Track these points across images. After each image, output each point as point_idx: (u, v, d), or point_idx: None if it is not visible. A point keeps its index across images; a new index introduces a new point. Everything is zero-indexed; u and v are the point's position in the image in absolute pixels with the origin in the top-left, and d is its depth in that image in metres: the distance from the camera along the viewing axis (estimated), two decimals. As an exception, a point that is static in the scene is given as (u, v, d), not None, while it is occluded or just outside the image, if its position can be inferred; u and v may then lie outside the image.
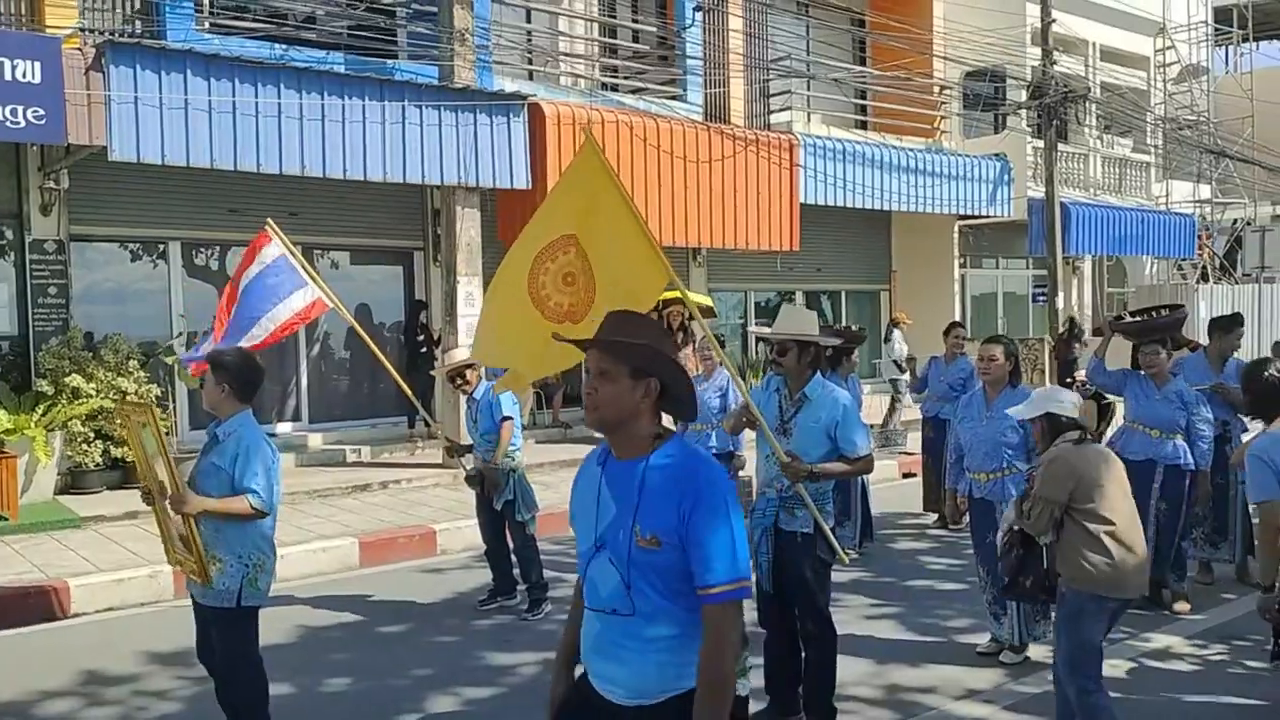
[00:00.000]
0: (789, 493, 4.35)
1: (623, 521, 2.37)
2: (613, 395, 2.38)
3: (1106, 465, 4.00)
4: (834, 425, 4.35)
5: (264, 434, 4.05)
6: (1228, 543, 6.71)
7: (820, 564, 4.39)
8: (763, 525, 4.45)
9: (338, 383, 12.49)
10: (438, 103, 10.31)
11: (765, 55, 14.52)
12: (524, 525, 6.25)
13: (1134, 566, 3.92)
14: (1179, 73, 21.37)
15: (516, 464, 6.29)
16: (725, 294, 16.04)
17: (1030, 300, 20.19)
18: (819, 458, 4.33)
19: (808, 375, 4.43)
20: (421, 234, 12.54)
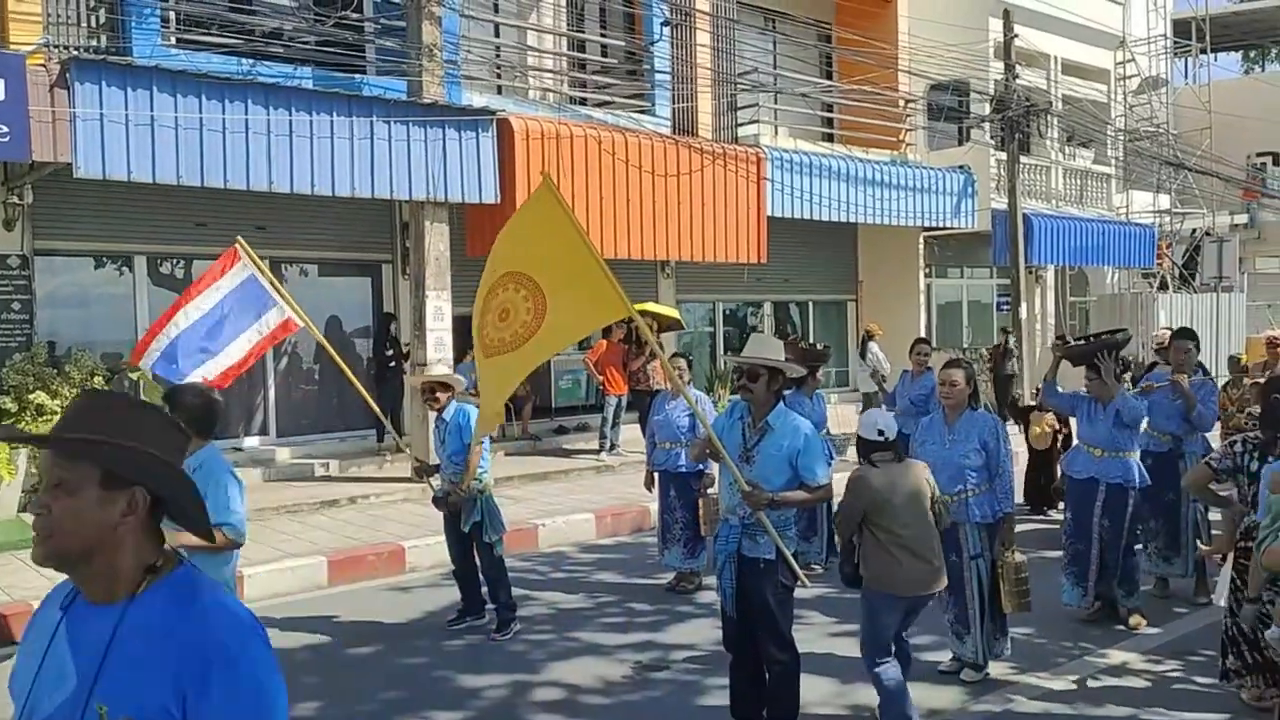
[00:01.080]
0: (751, 519, 4.42)
1: (79, 700, 1.64)
2: (71, 513, 1.65)
3: (899, 483, 4.54)
4: (796, 454, 4.42)
5: (229, 464, 4.07)
6: (1180, 558, 6.82)
7: (783, 589, 4.47)
8: (726, 551, 4.51)
9: (305, 396, 12.44)
10: (405, 118, 10.32)
11: (733, 70, 14.64)
12: (492, 546, 6.27)
13: (921, 571, 4.52)
14: (1139, 85, 21.75)
15: (484, 485, 6.31)
16: (693, 305, 16.14)
17: (995, 309, 20.46)
18: (780, 486, 4.41)
19: (772, 403, 4.51)
20: (390, 247, 12.54)
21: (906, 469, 4.70)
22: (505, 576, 6.35)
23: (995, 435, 5.27)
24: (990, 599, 5.26)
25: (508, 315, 4.54)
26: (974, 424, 5.29)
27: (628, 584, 7.41)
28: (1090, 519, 6.15)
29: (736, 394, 4.65)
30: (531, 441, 13.22)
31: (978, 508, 5.21)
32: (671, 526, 7.21)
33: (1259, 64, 36.21)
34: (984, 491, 5.22)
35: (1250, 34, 29.64)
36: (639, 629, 6.40)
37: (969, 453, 5.22)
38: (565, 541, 8.97)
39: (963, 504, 5.22)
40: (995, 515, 5.26)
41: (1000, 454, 5.24)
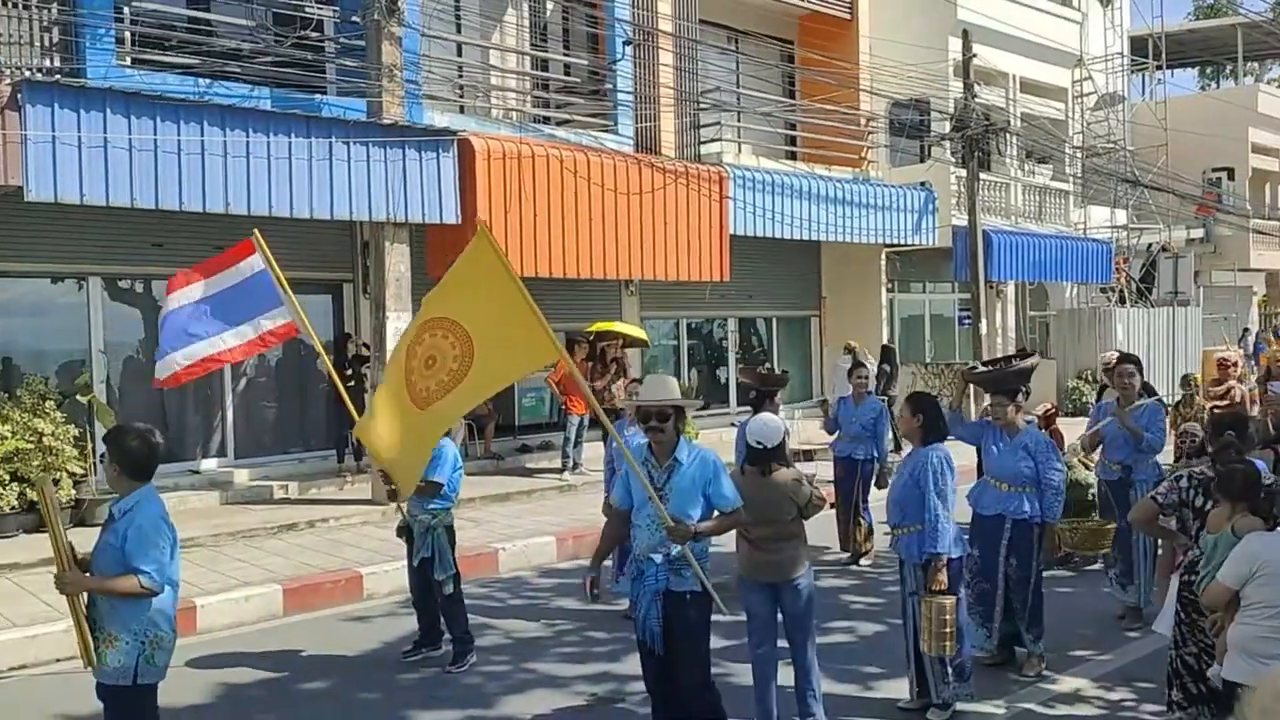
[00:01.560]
0: (676, 554, 4.49)
1: None
2: None
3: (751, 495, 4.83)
4: (707, 483, 4.54)
5: (162, 510, 4.00)
6: (1134, 585, 6.86)
7: (708, 621, 4.57)
8: (652, 590, 4.53)
9: (265, 416, 12.31)
10: (365, 138, 10.27)
11: (695, 88, 14.71)
12: (442, 584, 6.16)
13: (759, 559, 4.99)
14: (1096, 102, 22.10)
15: (436, 522, 6.21)
16: (658, 322, 16.16)
17: (957, 323, 20.66)
18: (697, 517, 4.53)
19: (676, 441, 4.60)
20: (351, 266, 12.45)
21: (766, 483, 4.97)
22: (462, 610, 6.29)
23: (928, 474, 5.15)
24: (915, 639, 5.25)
25: (434, 363, 4.61)
26: (914, 462, 5.28)
27: (586, 611, 7.37)
28: (996, 557, 5.95)
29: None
30: (494, 461, 13.16)
31: (915, 546, 5.20)
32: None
33: (1214, 81, 36.93)
34: (918, 530, 5.17)
35: (1205, 51, 30.21)
36: (595, 659, 6.38)
37: (908, 489, 5.23)
38: (526, 565, 8.93)
39: (902, 540, 5.27)
40: (923, 556, 5.16)
41: (928, 495, 5.12)
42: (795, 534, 5.08)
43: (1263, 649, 3.57)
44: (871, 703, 5.62)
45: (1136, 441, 6.79)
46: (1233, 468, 4.21)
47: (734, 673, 5.56)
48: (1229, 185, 26.94)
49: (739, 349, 17.57)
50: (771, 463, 5.09)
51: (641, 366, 15.55)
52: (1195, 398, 11.48)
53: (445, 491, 6.20)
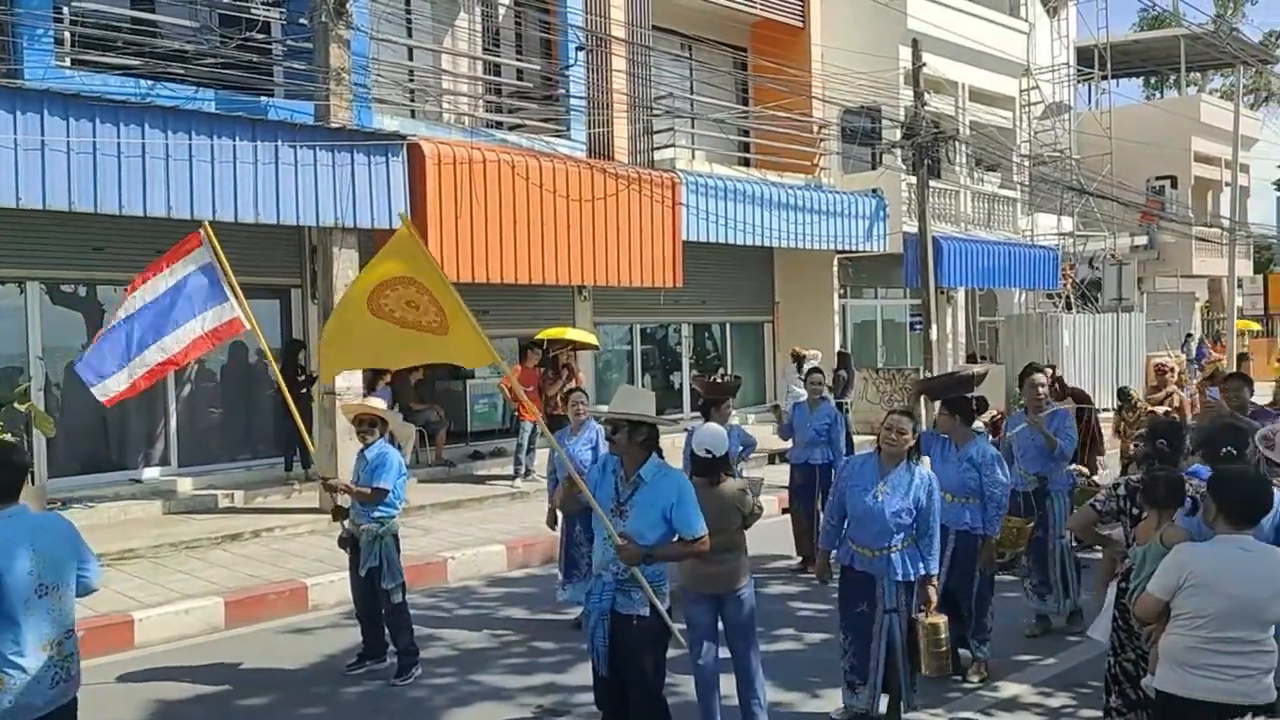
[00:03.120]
0: (625, 575, 4.35)
1: None
2: None
3: (705, 497, 4.79)
4: (670, 507, 4.36)
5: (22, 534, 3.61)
6: (1052, 595, 6.89)
7: (657, 646, 4.43)
8: (599, 609, 4.42)
9: (210, 422, 12.09)
10: (312, 143, 10.14)
11: (648, 94, 14.72)
12: (389, 594, 6.12)
13: (703, 570, 4.96)
14: (1043, 111, 22.48)
15: (384, 530, 6.16)
16: (611, 327, 16.15)
17: (909, 328, 20.89)
18: (656, 540, 4.35)
19: (643, 456, 4.44)
20: (299, 270, 12.29)
21: (714, 494, 5.00)
22: (407, 621, 6.22)
23: (929, 494, 5.12)
24: (906, 656, 5.17)
25: (418, 307, 4.80)
26: (910, 479, 5.14)
27: (534, 621, 7.34)
28: (940, 568, 5.80)
29: None
30: (446, 468, 13.05)
31: (900, 565, 5.10)
32: (578, 562, 7.06)
33: (1158, 91, 37.73)
34: (908, 547, 5.11)
35: (1149, 61, 30.84)
36: (543, 670, 6.34)
37: (902, 512, 5.07)
38: (475, 575, 8.86)
39: (884, 559, 5.10)
40: (917, 574, 5.13)
41: (930, 513, 5.11)
42: (739, 544, 5.09)
43: (1192, 659, 3.62)
44: (818, 715, 5.63)
45: (1050, 450, 6.81)
46: (1155, 476, 4.26)
47: (680, 683, 5.55)
48: (1172, 193, 27.52)
49: (693, 354, 17.62)
50: (720, 472, 5.11)
51: (594, 371, 15.54)
52: (1137, 405, 11.71)
53: (390, 499, 6.12)
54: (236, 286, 6.37)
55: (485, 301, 13.96)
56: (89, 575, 3.90)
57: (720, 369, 17.28)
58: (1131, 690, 4.76)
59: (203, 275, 6.12)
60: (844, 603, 5.37)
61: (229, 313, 6.19)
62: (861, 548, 5.16)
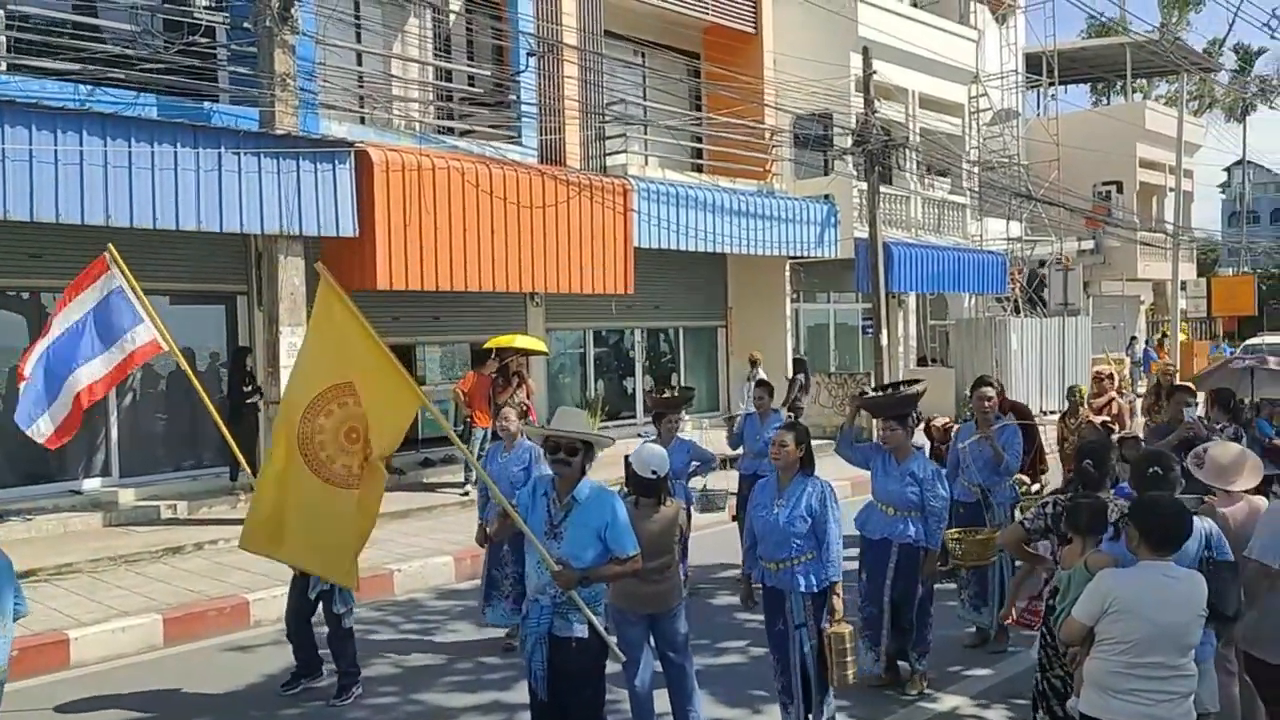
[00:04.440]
0: (562, 598, 4.34)
1: None
2: None
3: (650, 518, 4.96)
4: (604, 527, 4.37)
5: None
6: (988, 607, 6.96)
7: (595, 667, 4.43)
8: (536, 633, 4.39)
9: (153, 431, 11.89)
10: (257, 149, 10.02)
11: (601, 101, 14.71)
12: (340, 618, 6.02)
13: (639, 590, 4.97)
14: (992, 118, 22.79)
15: None
16: (564, 333, 16.13)
17: (861, 332, 21.08)
18: (591, 560, 4.35)
19: (577, 477, 4.45)
20: (245, 277, 12.11)
21: (655, 515, 5.05)
22: (351, 645, 6.13)
23: (822, 502, 5.12)
24: (816, 669, 5.17)
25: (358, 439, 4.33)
26: (803, 488, 5.17)
27: (479, 637, 7.29)
28: (883, 581, 6.01)
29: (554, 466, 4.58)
30: (395, 475, 12.93)
31: (803, 576, 5.11)
32: (500, 582, 6.98)
33: (1105, 97, 38.42)
34: (810, 560, 5.12)
35: (1096, 68, 31.40)
36: (487, 687, 6.31)
37: (795, 520, 5.10)
38: (422, 587, 8.80)
39: (789, 572, 5.12)
40: (821, 585, 5.12)
41: (826, 521, 5.09)
42: (675, 562, 5.12)
43: (1115, 683, 3.69)
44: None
45: (995, 464, 6.91)
46: (1079, 503, 4.34)
47: (620, 698, 5.55)
48: (1118, 198, 28.04)
49: (647, 359, 17.65)
50: (663, 492, 5.11)
51: (547, 377, 15.51)
52: (1080, 409, 11.89)
53: None
54: (150, 307, 6.28)
55: (436, 308, 13.91)
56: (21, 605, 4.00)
57: (674, 376, 17.36)
58: (1059, 707, 4.83)
59: (114, 300, 5.98)
60: (766, 621, 5.40)
61: (145, 335, 6.07)
62: (768, 563, 5.19)
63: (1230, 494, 4.96)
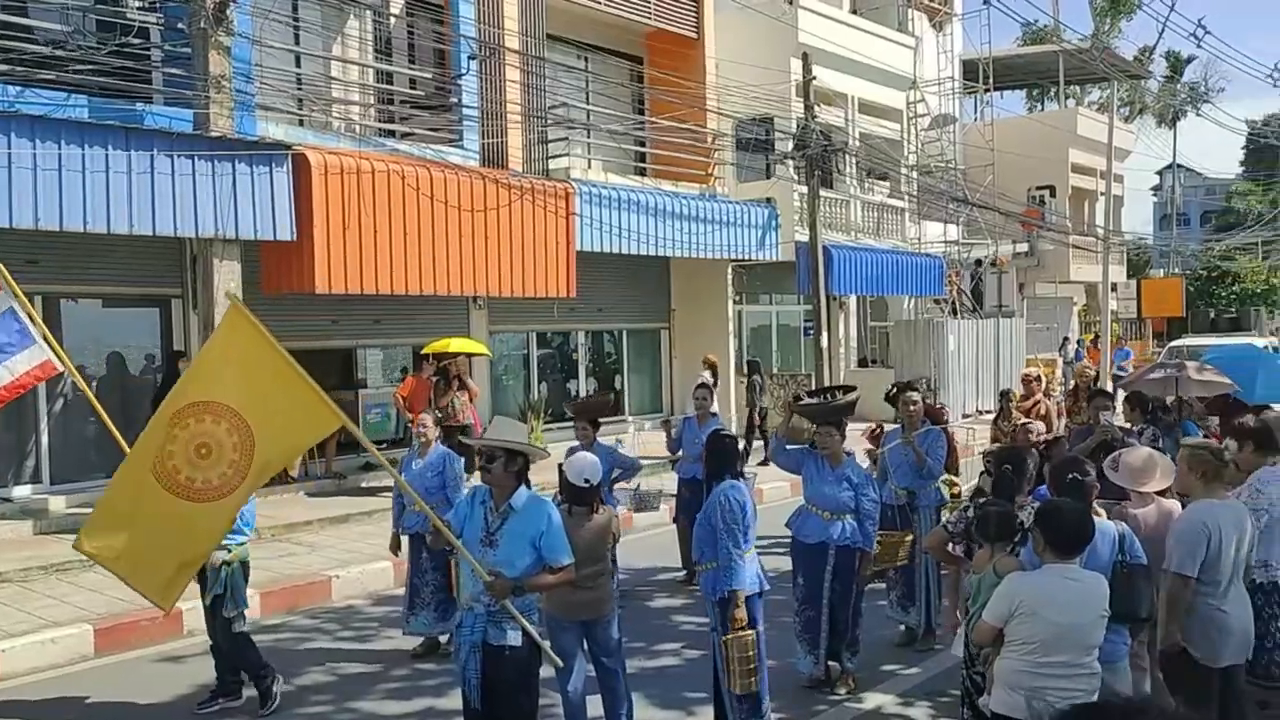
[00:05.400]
0: (496, 606, 4.38)
1: None
2: None
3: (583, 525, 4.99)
4: (540, 535, 4.42)
5: None
6: (915, 607, 7.16)
7: (530, 675, 4.48)
8: (470, 642, 4.43)
9: (85, 437, 11.67)
10: (191, 152, 9.91)
11: (543, 104, 14.74)
12: (230, 622, 5.92)
13: (572, 598, 4.98)
14: (930, 123, 23.23)
15: (231, 557, 5.92)
16: (507, 335, 16.13)
17: (803, 334, 21.37)
18: (525, 568, 4.40)
19: (514, 485, 4.49)
20: (180, 280, 11.94)
21: (587, 522, 5.12)
22: (250, 646, 6.05)
23: (717, 512, 5.23)
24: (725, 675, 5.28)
25: (209, 452, 4.28)
26: (711, 499, 5.35)
27: (416, 643, 7.31)
28: (821, 584, 6.17)
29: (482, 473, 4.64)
30: (336, 480, 12.86)
31: (710, 583, 5.26)
32: (421, 590, 7.00)
33: (1039, 103, 39.31)
34: (713, 569, 5.25)
35: (1030, 75, 32.13)
36: (423, 694, 6.34)
37: (701, 523, 5.30)
38: (361, 593, 8.78)
39: (703, 577, 5.32)
40: (718, 594, 5.21)
41: (720, 532, 5.18)
42: (608, 569, 5.20)
43: (1023, 682, 3.86)
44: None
45: (920, 467, 7.11)
46: (988, 511, 4.52)
47: (554, 703, 5.62)
48: (1051, 202, 28.73)
49: (590, 361, 17.72)
50: (595, 500, 5.18)
51: (490, 380, 15.51)
52: (1013, 411, 12.20)
53: (239, 525, 5.79)
54: (42, 327, 6.14)
55: (378, 311, 13.84)
56: None
57: (617, 378, 17.45)
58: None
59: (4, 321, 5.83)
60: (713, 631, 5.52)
61: (39, 355, 5.94)
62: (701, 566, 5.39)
63: (1143, 496, 5.18)
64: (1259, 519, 5.19)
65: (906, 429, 7.28)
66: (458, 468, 7.10)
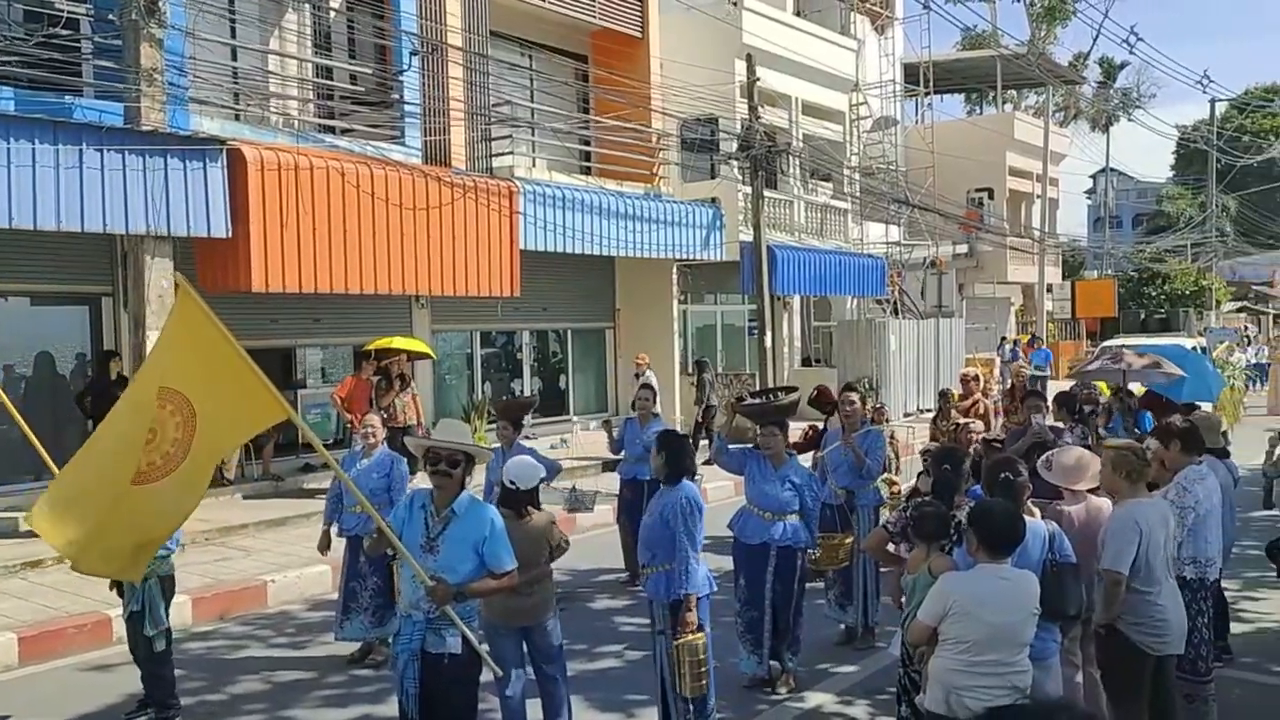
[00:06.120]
0: (436, 613, 4.30)
1: None
2: None
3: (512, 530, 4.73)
4: (482, 541, 4.37)
5: None
6: (853, 605, 7.22)
7: (468, 684, 4.41)
8: (409, 650, 4.36)
9: (10, 440, 11.28)
10: (122, 146, 9.65)
11: (487, 102, 14.62)
12: (151, 641, 5.66)
13: (510, 604, 4.93)
14: (872, 125, 23.51)
15: (149, 572, 5.48)
16: (450, 334, 15.98)
17: (747, 333, 21.48)
18: (466, 574, 4.33)
19: (456, 490, 4.43)
20: (110, 278, 11.63)
21: (528, 523, 5.03)
22: (168, 671, 5.80)
23: (679, 514, 5.16)
24: (671, 677, 5.26)
25: (154, 436, 4.22)
26: (663, 501, 5.28)
27: (353, 649, 7.20)
28: (763, 585, 6.17)
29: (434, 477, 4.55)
30: (274, 482, 12.62)
31: (660, 585, 5.21)
32: (359, 594, 6.86)
33: (978, 107, 40.02)
34: (667, 570, 5.20)
35: (970, 79, 32.70)
36: (360, 701, 6.25)
37: (653, 527, 5.22)
38: (298, 598, 8.63)
39: (650, 579, 5.24)
40: (673, 596, 5.18)
41: (680, 533, 5.14)
42: (546, 575, 5.14)
43: (956, 681, 3.91)
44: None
45: (858, 468, 7.19)
46: (924, 512, 4.57)
47: (492, 707, 5.56)
48: (989, 204, 29.26)
49: (535, 361, 17.63)
50: (526, 505, 5.12)
51: (434, 379, 15.36)
52: (951, 411, 12.38)
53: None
54: None
55: (318, 310, 13.62)
56: None
57: (562, 378, 17.37)
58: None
59: None
60: (653, 630, 5.49)
61: None
62: (645, 568, 5.30)
63: (1075, 494, 5.28)
64: (1186, 517, 5.33)
65: (846, 429, 7.34)
66: (403, 470, 7.00)
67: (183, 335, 4.32)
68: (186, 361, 4.26)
